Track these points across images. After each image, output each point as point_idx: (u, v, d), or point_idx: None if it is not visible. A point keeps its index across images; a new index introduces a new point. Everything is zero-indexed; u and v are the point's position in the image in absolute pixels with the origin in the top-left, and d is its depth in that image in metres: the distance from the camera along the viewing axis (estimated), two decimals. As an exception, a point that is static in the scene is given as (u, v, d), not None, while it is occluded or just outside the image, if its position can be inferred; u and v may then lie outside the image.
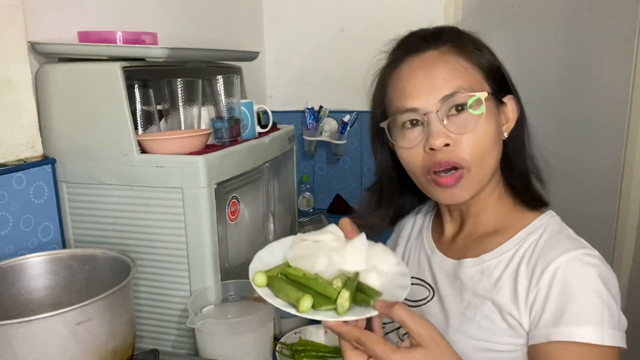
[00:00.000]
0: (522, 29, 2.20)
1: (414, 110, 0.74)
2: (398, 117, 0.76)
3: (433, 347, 0.58)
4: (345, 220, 0.73)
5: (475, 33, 0.80)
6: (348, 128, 2.12)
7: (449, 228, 0.87)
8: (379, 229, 0.92)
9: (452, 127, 0.72)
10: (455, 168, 0.73)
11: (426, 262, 0.88)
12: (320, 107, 2.18)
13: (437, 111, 0.72)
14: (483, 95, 0.72)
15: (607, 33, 2.22)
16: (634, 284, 2.14)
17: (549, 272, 0.70)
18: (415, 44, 0.78)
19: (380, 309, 0.60)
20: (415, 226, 0.96)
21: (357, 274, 0.67)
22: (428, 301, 0.84)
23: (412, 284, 0.85)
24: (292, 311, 0.63)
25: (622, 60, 2.21)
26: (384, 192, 0.89)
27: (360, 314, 0.62)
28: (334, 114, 2.18)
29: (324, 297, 0.64)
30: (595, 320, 0.66)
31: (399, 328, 0.88)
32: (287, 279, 0.68)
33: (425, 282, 0.86)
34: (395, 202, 0.91)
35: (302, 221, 1.95)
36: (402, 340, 0.87)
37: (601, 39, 2.23)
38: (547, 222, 0.77)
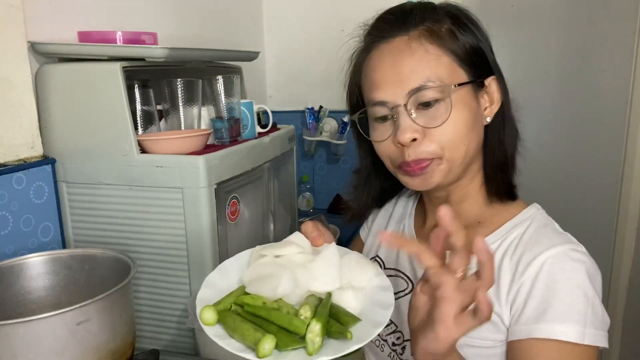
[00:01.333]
0: (522, 29, 2.20)
1: (382, 103, 0.71)
2: (369, 110, 0.74)
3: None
4: (308, 225, 0.66)
5: (457, 6, 0.75)
6: (348, 128, 2.12)
7: (431, 217, 0.84)
8: (365, 211, 0.90)
9: (421, 121, 0.69)
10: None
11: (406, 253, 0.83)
12: (320, 107, 2.18)
13: (405, 105, 0.69)
14: (449, 89, 0.69)
15: (607, 33, 2.22)
16: (634, 284, 2.14)
17: (535, 266, 0.67)
18: (385, 29, 0.74)
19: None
20: (395, 212, 0.93)
21: (329, 295, 0.57)
22: (406, 294, 0.81)
23: (389, 275, 0.82)
24: (251, 357, 0.51)
25: (622, 61, 2.21)
26: (369, 175, 0.88)
27: (337, 351, 0.50)
28: (334, 114, 2.18)
29: (289, 333, 0.53)
30: (578, 319, 0.64)
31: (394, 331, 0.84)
32: (243, 311, 0.56)
33: (403, 273, 0.83)
34: (380, 184, 0.89)
35: (302, 221, 1.95)
36: (392, 349, 0.83)
37: (601, 39, 2.23)
38: (533, 215, 0.75)
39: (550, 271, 0.67)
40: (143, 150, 1.02)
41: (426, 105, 0.69)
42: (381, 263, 0.88)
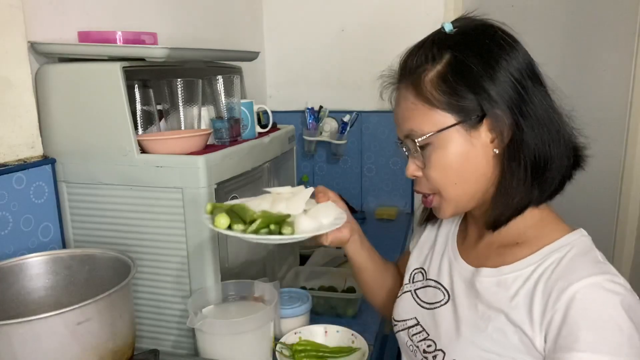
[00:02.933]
0: (522, 29, 2.20)
1: (399, 140, 0.82)
2: None
3: None
4: (320, 186, 0.91)
5: (483, 28, 0.77)
6: (348, 128, 2.12)
7: (472, 233, 0.87)
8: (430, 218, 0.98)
9: (418, 161, 0.79)
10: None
11: (447, 266, 0.87)
12: (320, 107, 2.18)
13: (406, 146, 0.80)
14: (423, 140, 0.75)
15: (607, 33, 2.22)
16: (634, 284, 2.14)
17: (567, 295, 0.67)
18: (398, 74, 0.81)
19: None
20: (443, 226, 0.95)
21: (287, 215, 0.82)
22: (442, 305, 0.83)
23: (429, 286, 0.88)
24: (210, 226, 0.81)
25: (622, 60, 2.21)
26: None
27: (266, 237, 0.79)
28: (334, 114, 2.19)
29: (242, 221, 0.81)
30: (610, 350, 0.63)
31: (410, 327, 0.87)
32: (230, 210, 0.84)
33: (442, 285, 0.86)
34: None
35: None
36: (411, 339, 0.86)
37: (601, 39, 2.23)
38: (574, 241, 0.74)
39: (582, 301, 0.66)
40: (143, 150, 1.02)
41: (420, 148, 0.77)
42: (424, 273, 0.92)
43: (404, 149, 0.81)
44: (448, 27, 0.76)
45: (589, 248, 0.73)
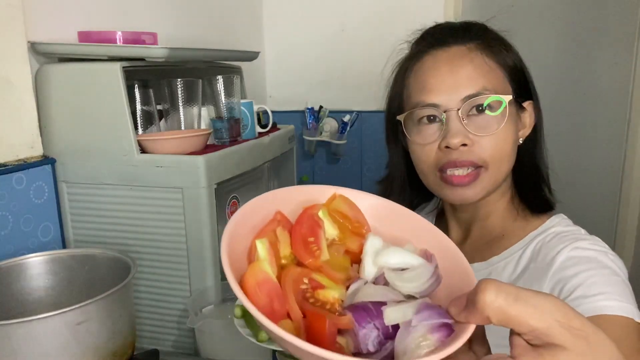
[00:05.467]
0: (522, 29, 2.20)
1: (434, 106, 0.72)
2: (416, 112, 0.74)
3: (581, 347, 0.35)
4: None
5: (501, 32, 0.78)
6: (348, 128, 2.12)
7: (454, 234, 0.85)
8: None
9: (472, 128, 0.71)
10: (471, 167, 0.72)
11: None
12: (320, 107, 2.18)
13: (458, 109, 0.70)
14: (507, 98, 0.71)
15: (607, 34, 2.22)
16: (633, 284, 2.14)
17: (563, 258, 0.68)
18: (442, 36, 0.75)
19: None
20: None
21: None
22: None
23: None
24: (253, 340, 0.63)
25: (622, 62, 2.21)
26: (394, 186, 0.87)
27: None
28: (334, 114, 2.18)
29: None
30: (622, 296, 0.65)
31: None
32: None
33: None
34: (405, 197, 0.88)
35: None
36: None
37: (601, 39, 2.23)
38: (556, 223, 0.77)
39: (575, 258, 0.68)
40: (143, 150, 1.02)
41: (478, 111, 0.71)
42: None
43: (459, 111, 0.70)
44: None
45: (573, 226, 0.76)
